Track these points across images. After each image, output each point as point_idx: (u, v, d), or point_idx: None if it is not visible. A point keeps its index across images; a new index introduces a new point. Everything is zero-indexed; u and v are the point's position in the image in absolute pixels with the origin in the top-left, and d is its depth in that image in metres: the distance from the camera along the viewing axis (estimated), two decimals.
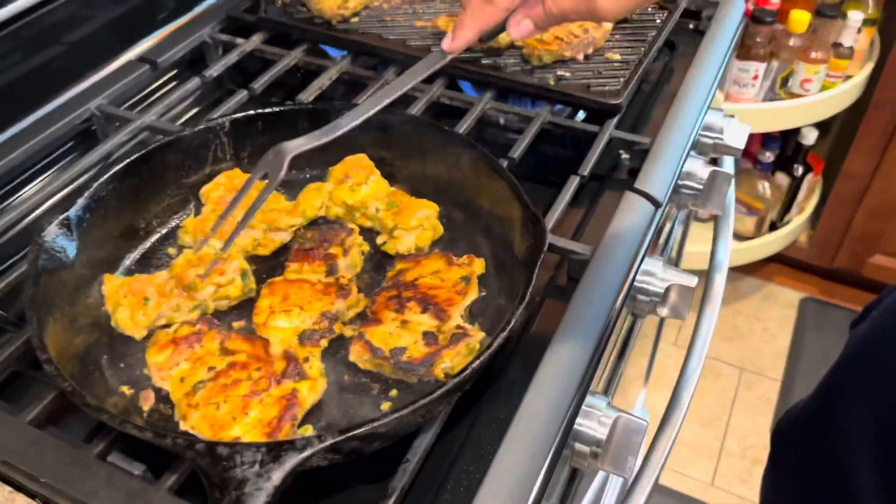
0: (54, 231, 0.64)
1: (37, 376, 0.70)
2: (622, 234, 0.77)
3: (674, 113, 0.92)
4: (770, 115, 1.89)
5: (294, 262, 0.69)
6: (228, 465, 0.47)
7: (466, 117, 0.89)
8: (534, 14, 0.59)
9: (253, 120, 0.77)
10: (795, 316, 2.39)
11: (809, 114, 1.93)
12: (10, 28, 0.92)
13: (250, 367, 0.59)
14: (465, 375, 0.54)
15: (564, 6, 0.58)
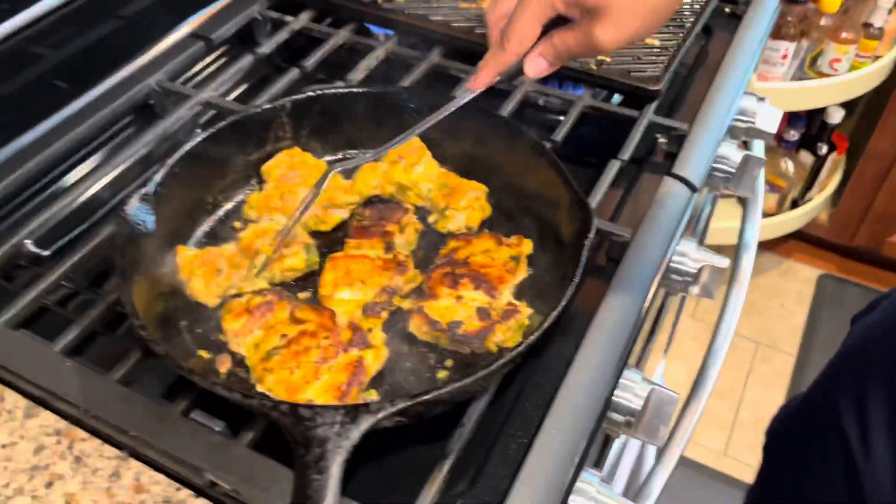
0: (136, 204, 0.70)
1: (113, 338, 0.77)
2: (660, 217, 0.81)
3: (710, 99, 0.95)
4: (798, 94, 1.91)
5: (354, 239, 0.74)
6: (311, 425, 0.53)
7: (510, 99, 0.93)
8: (545, 53, 0.63)
9: (313, 102, 0.81)
10: (812, 292, 2.43)
11: (837, 93, 1.94)
12: (71, 6, 0.96)
13: (319, 336, 0.64)
14: (522, 349, 0.59)
15: (569, 42, 0.62)
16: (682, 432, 0.82)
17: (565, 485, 0.62)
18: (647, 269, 0.76)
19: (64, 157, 0.93)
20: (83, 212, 0.87)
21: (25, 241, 0.79)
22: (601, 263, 0.80)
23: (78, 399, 0.64)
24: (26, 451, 0.64)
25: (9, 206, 0.88)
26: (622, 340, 0.70)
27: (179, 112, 0.93)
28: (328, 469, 0.51)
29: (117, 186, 0.90)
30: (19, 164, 0.87)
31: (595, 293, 0.75)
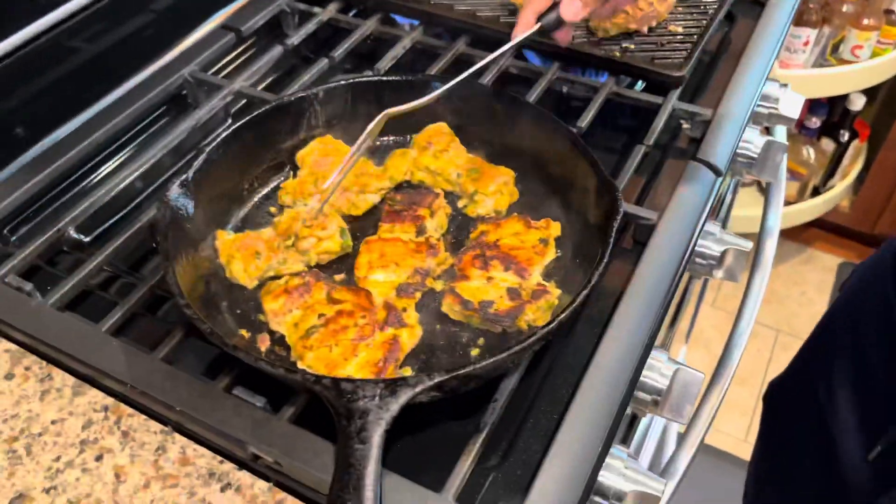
0: (176, 190, 0.72)
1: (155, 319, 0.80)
2: (685, 200, 0.82)
3: (734, 84, 0.96)
4: (819, 81, 1.91)
5: (386, 223, 0.77)
6: (352, 398, 0.55)
7: (536, 86, 0.94)
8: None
9: (344, 90, 0.84)
10: (833, 281, 2.42)
11: (859, 80, 1.94)
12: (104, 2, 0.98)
13: (356, 315, 0.66)
14: (553, 326, 0.60)
15: None
16: (706, 411, 0.84)
17: (594, 459, 0.64)
18: (674, 251, 0.77)
19: (102, 148, 0.96)
20: (122, 199, 0.90)
21: (68, 228, 0.82)
22: (627, 246, 0.82)
23: (125, 376, 0.66)
24: (75, 427, 0.67)
25: (50, 194, 0.92)
26: (650, 320, 0.72)
27: (212, 102, 0.95)
28: (370, 439, 0.53)
29: (154, 174, 0.93)
30: (59, 154, 0.90)
31: (621, 275, 0.76)
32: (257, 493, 0.62)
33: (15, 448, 0.65)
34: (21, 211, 0.88)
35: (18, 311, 0.72)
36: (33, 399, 0.69)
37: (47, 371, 0.71)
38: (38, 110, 0.93)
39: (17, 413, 0.68)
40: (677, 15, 1.04)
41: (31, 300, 0.73)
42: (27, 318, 0.71)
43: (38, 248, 0.79)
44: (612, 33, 0.99)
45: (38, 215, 0.90)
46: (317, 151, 0.82)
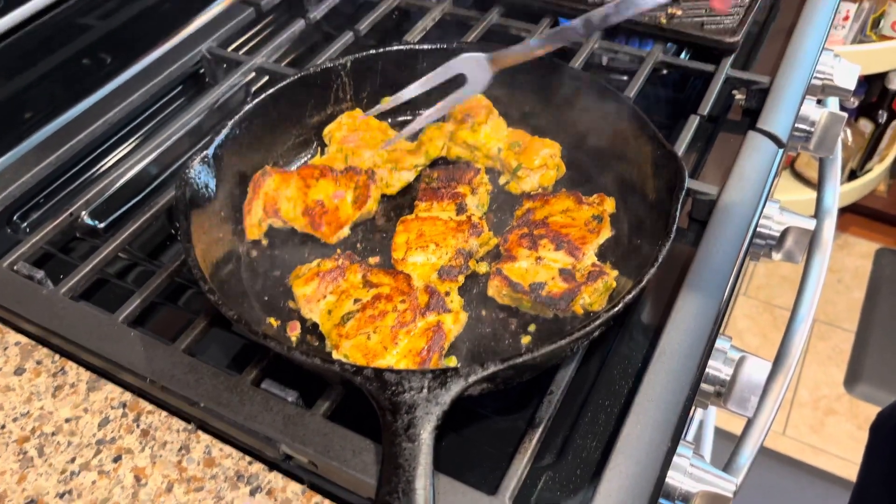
0: (197, 168, 0.66)
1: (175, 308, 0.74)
2: (746, 174, 0.75)
3: (792, 51, 0.89)
4: (858, 58, 1.81)
5: (423, 201, 0.70)
6: (398, 391, 0.49)
7: (575, 58, 0.88)
8: None
9: (374, 60, 0.78)
10: (871, 267, 2.34)
11: None
12: None
13: (395, 300, 0.60)
14: (619, 309, 0.54)
15: None
16: (771, 401, 0.77)
17: (661, 459, 0.57)
18: (738, 228, 0.70)
19: (116, 129, 0.90)
20: (138, 183, 0.85)
21: (81, 213, 0.77)
22: (684, 226, 0.75)
23: (144, 370, 0.61)
24: (91, 425, 0.62)
25: (62, 178, 0.86)
26: (716, 304, 0.65)
27: (232, 79, 0.90)
28: (419, 436, 0.47)
29: (171, 157, 0.88)
30: (71, 136, 0.85)
31: (679, 256, 0.70)
32: (290, 496, 0.56)
33: (26, 449, 0.60)
34: (32, 196, 0.83)
35: (29, 300, 0.67)
36: (45, 395, 0.63)
37: (60, 365, 0.66)
38: (48, 90, 0.88)
39: (28, 411, 0.62)
40: None
41: (42, 289, 0.68)
42: (39, 308, 0.66)
43: (49, 233, 0.73)
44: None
45: (49, 200, 0.85)
46: (345, 127, 0.76)
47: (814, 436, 1.95)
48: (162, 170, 0.90)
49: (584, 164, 0.76)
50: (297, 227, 0.71)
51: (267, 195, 0.70)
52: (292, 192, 0.70)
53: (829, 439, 1.94)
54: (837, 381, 2.06)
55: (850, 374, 2.07)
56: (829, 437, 1.95)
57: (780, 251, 0.82)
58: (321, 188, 0.71)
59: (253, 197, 0.70)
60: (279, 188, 0.69)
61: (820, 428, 1.97)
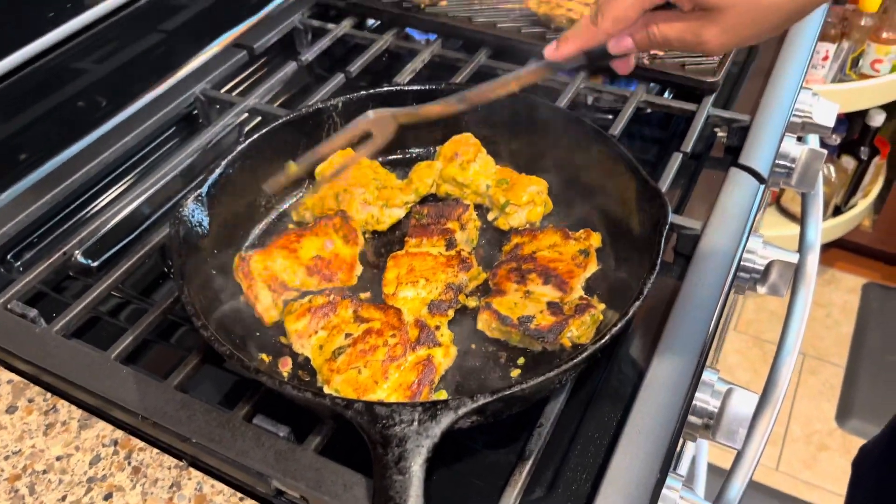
0: (191, 206, 0.67)
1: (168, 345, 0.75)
2: (729, 209, 0.77)
3: (771, 90, 0.92)
4: (839, 97, 1.87)
5: (413, 237, 0.72)
6: (388, 423, 0.50)
7: (562, 97, 0.90)
8: (637, 37, 0.59)
9: (364, 101, 0.79)
10: (858, 302, 2.36)
11: (879, 95, 1.90)
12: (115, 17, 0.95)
13: (385, 334, 0.61)
14: (606, 341, 0.55)
15: (669, 35, 0.57)
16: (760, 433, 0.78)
17: (651, 489, 0.58)
18: (722, 262, 0.72)
19: (110, 169, 0.92)
20: (131, 222, 0.86)
21: (74, 252, 0.78)
22: (668, 260, 0.77)
23: (136, 406, 0.61)
24: (82, 463, 0.62)
25: (56, 218, 0.87)
26: (702, 337, 0.66)
27: (225, 119, 0.91)
28: (409, 469, 0.48)
29: (165, 196, 0.89)
30: (65, 177, 0.86)
31: (664, 290, 0.71)
32: None
33: (17, 487, 0.60)
34: (26, 235, 0.84)
35: (22, 338, 0.67)
36: (37, 434, 0.63)
37: (52, 403, 0.66)
38: (44, 131, 0.89)
39: (19, 449, 0.62)
40: None
41: (35, 327, 0.68)
42: (31, 346, 0.66)
43: (42, 272, 0.74)
44: None
45: (43, 240, 0.86)
46: (337, 165, 0.77)
47: (807, 471, 1.95)
48: (155, 209, 0.91)
49: (570, 200, 0.77)
50: (313, 287, 0.69)
51: (262, 276, 0.68)
52: (283, 262, 0.69)
53: (822, 475, 1.94)
54: (829, 416, 2.06)
55: (842, 409, 2.07)
56: (823, 473, 1.94)
57: (765, 285, 0.84)
58: (307, 246, 0.70)
59: (250, 284, 0.68)
60: (267, 264, 0.68)
61: (813, 463, 1.97)
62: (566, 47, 0.61)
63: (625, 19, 0.58)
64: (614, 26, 0.59)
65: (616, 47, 0.60)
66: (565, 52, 0.61)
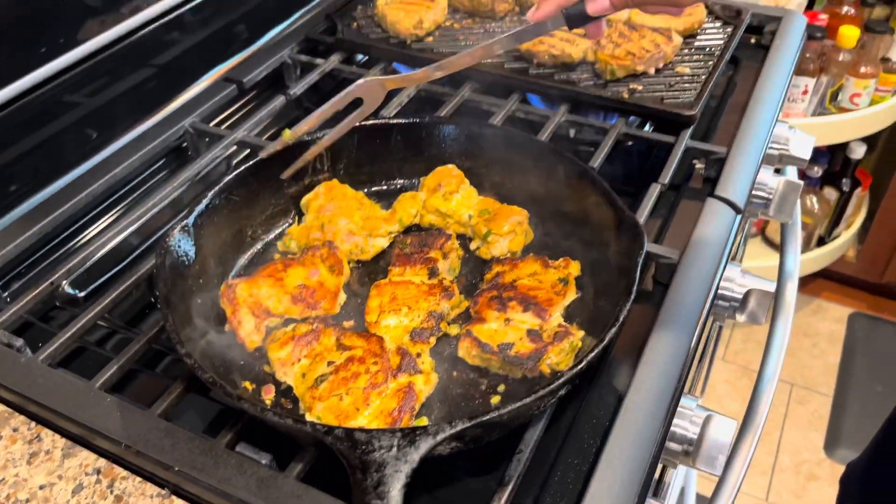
0: (178, 236, 0.69)
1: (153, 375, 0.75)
2: (706, 238, 0.79)
3: (746, 124, 0.95)
4: (820, 130, 1.90)
5: (397, 266, 0.73)
6: (367, 449, 0.50)
7: (544, 130, 0.92)
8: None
9: (350, 133, 0.81)
10: (845, 331, 2.37)
11: (859, 128, 1.94)
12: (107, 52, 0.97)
13: (367, 362, 0.62)
14: (582, 367, 0.56)
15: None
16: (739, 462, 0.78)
17: None
18: (699, 290, 0.73)
19: (99, 201, 0.93)
20: (118, 253, 0.87)
21: (61, 282, 0.78)
22: (648, 288, 0.78)
23: (119, 435, 0.62)
24: (65, 492, 0.62)
25: (44, 249, 0.88)
26: (679, 364, 0.68)
27: (214, 152, 0.93)
28: (388, 494, 0.48)
29: (153, 228, 0.90)
30: (54, 208, 0.87)
31: (644, 318, 0.73)
32: None
33: None
34: (14, 266, 0.85)
35: (7, 367, 0.67)
36: (21, 462, 0.64)
37: (36, 432, 0.66)
38: (34, 163, 0.90)
39: (3, 478, 0.62)
40: (683, 57, 1.03)
41: (21, 356, 0.69)
42: (17, 376, 0.67)
43: (29, 302, 0.75)
44: (619, 75, 0.98)
45: (31, 270, 0.87)
46: (322, 196, 0.79)
47: (796, 501, 1.94)
48: (143, 240, 0.92)
49: (550, 229, 0.79)
50: (295, 315, 0.70)
51: (247, 302, 0.69)
52: (268, 290, 0.70)
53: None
54: (818, 446, 2.06)
55: (830, 439, 2.08)
56: (812, 503, 1.94)
57: (744, 313, 0.85)
58: (293, 276, 0.71)
59: (234, 310, 0.68)
60: (253, 291, 0.69)
61: (802, 493, 1.96)
62: (546, 6, 0.64)
63: None
64: None
65: (594, 7, 0.62)
66: (545, 10, 0.64)
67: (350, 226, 0.77)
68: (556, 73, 1.00)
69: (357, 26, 1.13)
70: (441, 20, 1.12)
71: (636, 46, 0.98)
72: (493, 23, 1.12)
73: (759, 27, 1.16)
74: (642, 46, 0.98)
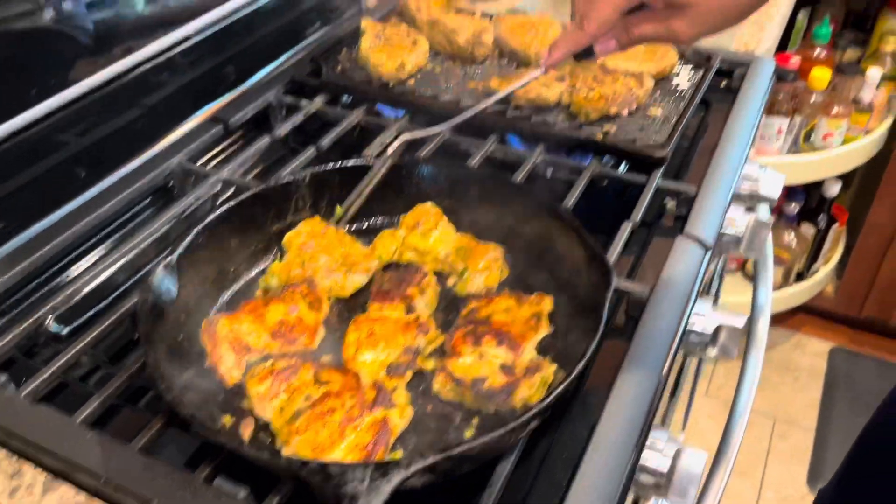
0: (160, 273, 0.71)
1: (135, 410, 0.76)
2: (676, 275, 0.82)
3: (716, 164, 0.98)
4: (794, 168, 1.95)
5: (375, 302, 0.75)
6: (340, 482, 0.52)
7: (521, 169, 0.95)
8: (620, 38, 0.67)
9: (331, 174, 0.84)
10: (825, 366, 2.40)
11: (832, 166, 1.99)
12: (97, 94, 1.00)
13: (344, 396, 0.64)
14: (550, 401, 0.58)
15: (646, 31, 0.65)
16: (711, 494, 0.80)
17: None
18: (668, 325, 0.76)
19: (85, 239, 0.94)
20: (103, 290, 0.88)
21: (46, 318, 0.80)
22: (620, 323, 0.81)
23: (99, 468, 0.63)
24: None
25: (30, 285, 0.90)
26: (648, 397, 0.70)
27: (199, 191, 0.95)
28: None
29: (137, 265, 0.92)
30: (40, 245, 0.89)
31: (617, 353, 0.75)
32: None
33: None
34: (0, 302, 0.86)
35: None
36: (2, 496, 0.64)
37: (18, 466, 0.67)
38: (22, 201, 0.92)
39: None
40: (655, 99, 1.07)
41: (4, 391, 0.70)
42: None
43: (14, 338, 0.76)
44: (593, 117, 1.02)
45: (16, 306, 0.88)
46: (304, 234, 0.82)
47: None
48: (128, 277, 0.93)
49: (524, 266, 0.81)
50: (275, 351, 0.72)
51: (227, 338, 0.70)
52: (249, 326, 0.71)
53: None
54: (801, 481, 2.08)
55: (813, 473, 2.09)
56: None
57: (716, 347, 0.88)
58: (273, 312, 0.73)
59: (215, 346, 0.70)
60: (233, 327, 0.71)
61: None
62: (557, 52, 0.68)
63: (608, 22, 0.65)
64: (599, 29, 0.65)
65: (602, 49, 0.66)
66: (556, 57, 0.68)
67: (330, 263, 0.79)
68: (533, 115, 1.03)
69: (341, 69, 1.17)
70: (422, 63, 1.15)
71: (609, 90, 1.02)
72: (473, 66, 1.16)
73: (729, 71, 1.20)
74: (615, 90, 1.02)
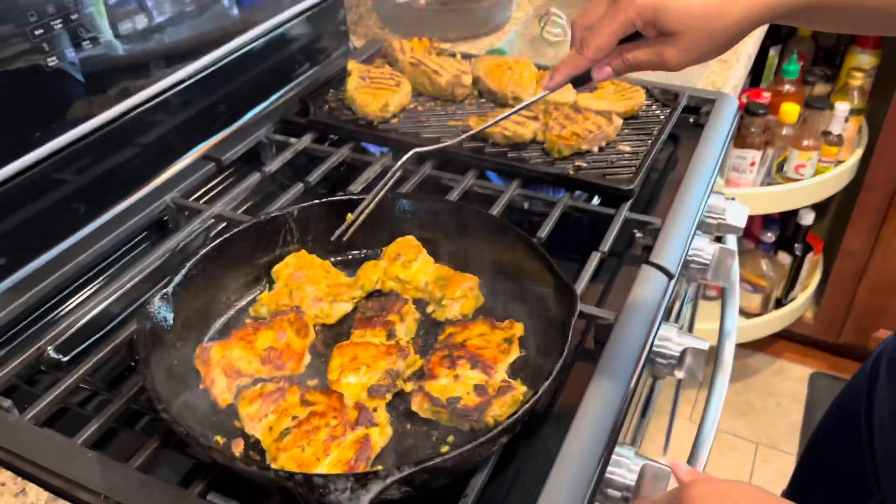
0: (158, 303, 0.76)
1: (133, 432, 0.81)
2: (641, 301, 0.87)
3: (680, 196, 1.04)
4: (768, 199, 2.02)
5: (358, 329, 0.80)
6: (324, 492, 0.57)
7: (497, 203, 1.01)
8: (614, 63, 0.72)
9: (318, 208, 0.89)
10: (806, 390, 2.45)
11: (805, 196, 2.06)
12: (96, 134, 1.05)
13: (328, 416, 0.68)
14: (518, 416, 0.63)
15: (640, 58, 0.71)
16: None
17: None
18: (632, 348, 0.81)
19: (83, 272, 0.99)
20: (101, 321, 0.93)
21: (47, 348, 0.85)
22: (589, 347, 0.86)
23: (99, 486, 0.67)
24: None
25: (31, 317, 0.94)
26: (612, 415, 0.75)
27: (192, 225, 1.01)
28: None
29: (134, 297, 0.96)
30: (40, 279, 0.94)
31: (586, 375, 0.80)
32: None
33: None
34: (2, 333, 0.91)
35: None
36: None
37: (22, 486, 0.71)
38: (22, 238, 0.97)
39: None
40: (625, 136, 1.13)
41: (8, 416, 0.75)
42: (4, 434, 0.73)
43: (16, 367, 0.81)
44: (565, 153, 1.08)
45: (18, 337, 0.92)
46: (292, 266, 0.87)
47: None
48: (124, 308, 0.98)
49: (498, 294, 0.87)
50: (264, 375, 0.76)
51: (220, 364, 0.75)
52: (240, 352, 0.76)
53: None
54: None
55: None
56: None
57: (682, 369, 0.93)
58: (263, 339, 0.78)
59: (207, 372, 0.75)
60: (225, 353, 0.76)
61: None
62: (559, 76, 0.74)
63: (605, 47, 0.70)
64: (596, 54, 0.71)
65: (599, 74, 0.72)
66: (558, 79, 0.74)
67: (316, 292, 0.84)
68: (509, 152, 1.10)
69: (328, 108, 1.23)
70: (406, 103, 1.22)
71: (581, 128, 1.08)
72: (454, 105, 1.22)
73: (696, 108, 1.27)
74: (586, 128, 1.08)
